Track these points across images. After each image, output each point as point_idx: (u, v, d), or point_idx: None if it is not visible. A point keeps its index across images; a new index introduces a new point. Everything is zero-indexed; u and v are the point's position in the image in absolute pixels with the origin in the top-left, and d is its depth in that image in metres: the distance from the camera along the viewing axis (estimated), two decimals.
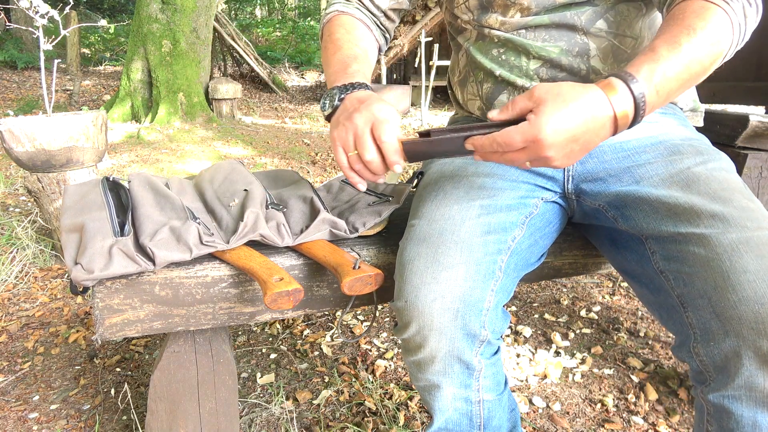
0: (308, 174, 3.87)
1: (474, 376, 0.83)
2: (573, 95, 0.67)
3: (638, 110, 0.69)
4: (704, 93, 1.94)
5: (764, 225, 0.72)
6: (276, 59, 10.29)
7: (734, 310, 0.68)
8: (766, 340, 0.66)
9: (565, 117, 0.65)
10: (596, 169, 0.91)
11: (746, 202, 0.76)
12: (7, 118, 2.02)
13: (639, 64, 0.70)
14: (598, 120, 0.67)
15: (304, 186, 1.05)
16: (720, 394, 0.72)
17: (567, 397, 1.41)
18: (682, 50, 0.70)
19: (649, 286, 0.83)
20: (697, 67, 0.72)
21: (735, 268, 0.69)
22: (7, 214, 2.70)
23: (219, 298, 0.88)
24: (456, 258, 0.78)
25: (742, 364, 0.69)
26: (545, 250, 0.95)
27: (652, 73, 0.69)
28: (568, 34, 0.90)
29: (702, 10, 0.73)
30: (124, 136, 4.92)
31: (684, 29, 0.71)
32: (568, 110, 0.66)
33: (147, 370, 1.51)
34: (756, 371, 0.68)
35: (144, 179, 1.05)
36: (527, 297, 2.01)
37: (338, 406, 1.36)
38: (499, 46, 0.96)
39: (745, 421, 0.70)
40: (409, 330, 0.80)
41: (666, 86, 0.70)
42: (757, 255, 0.69)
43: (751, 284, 0.68)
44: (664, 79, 0.69)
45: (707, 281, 0.72)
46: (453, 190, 0.88)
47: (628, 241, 0.87)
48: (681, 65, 0.70)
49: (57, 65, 2.82)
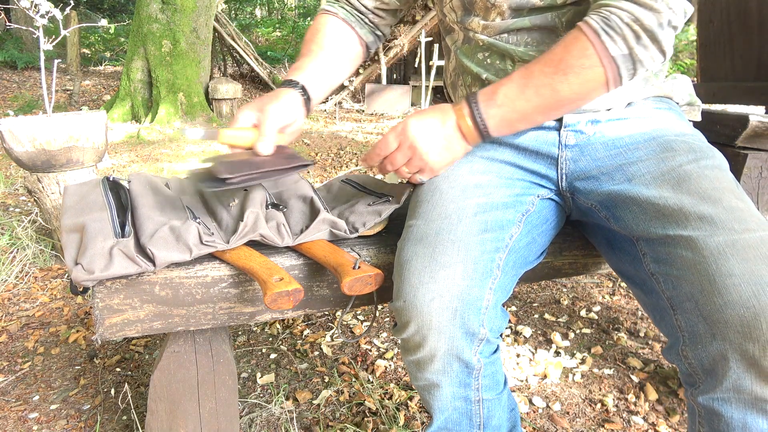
0: (308, 174, 3.87)
1: (473, 375, 0.83)
2: (430, 109, 0.88)
3: (479, 126, 0.85)
4: (704, 93, 1.94)
5: (751, 227, 0.73)
6: (276, 59, 10.29)
7: (720, 313, 0.69)
8: (752, 343, 0.66)
9: (423, 117, 0.87)
10: (589, 167, 0.91)
11: (736, 201, 0.77)
12: (7, 118, 2.02)
13: (489, 88, 0.84)
14: (449, 125, 0.87)
15: (304, 186, 1.05)
16: (709, 397, 0.73)
17: (567, 397, 1.41)
18: (532, 75, 0.80)
19: (642, 288, 0.83)
20: (550, 92, 0.80)
21: (721, 272, 0.70)
22: (7, 214, 2.70)
23: (219, 298, 0.88)
24: (453, 257, 0.78)
25: (729, 367, 0.69)
26: (544, 247, 0.95)
27: (495, 95, 0.83)
28: (550, 37, 0.89)
29: (570, 40, 0.79)
30: (124, 136, 4.92)
31: (543, 57, 0.81)
32: (425, 114, 0.87)
33: (147, 370, 1.51)
34: (743, 374, 0.68)
35: (144, 179, 1.05)
36: (527, 297, 2.01)
37: (338, 406, 1.36)
38: (484, 50, 0.96)
39: (735, 423, 0.71)
40: (408, 330, 0.80)
41: (510, 103, 0.82)
42: (743, 258, 0.70)
43: (737, 288, 0.68)
44: (509, 100, 0.82)
45: (694, 284, 0.72)
46: (449, 189, 0.88)
47: (621, 242, 0.88)
48: (529, 87, 0.81)
49: (57, 65, 2.82)
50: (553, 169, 0.94)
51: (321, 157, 4.38)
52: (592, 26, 0.77)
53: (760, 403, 0.69)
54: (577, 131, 0.91)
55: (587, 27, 0.77)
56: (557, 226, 0.97)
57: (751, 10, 1.68)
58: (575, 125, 0.91)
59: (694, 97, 1.05)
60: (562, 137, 0.92)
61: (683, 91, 1.02)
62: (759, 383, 0.67)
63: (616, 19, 0.75)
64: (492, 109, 0.83)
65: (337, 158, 4.35)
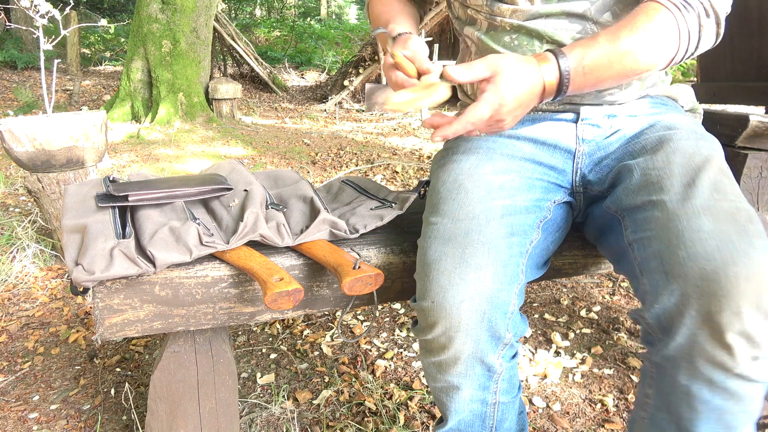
0: (308, 174, 3.87)
1: (493, 379, 0.83)
2: (519, 67, 0.78)
3: (562, 81, 0.79)
4: (704, 93, 1.94)
5: (731, 198, 0.73)
6: (276, 59, 10.29)
7: (681, 266, 0.68)
8: (709, 297, 0.65)
9: (517, 85, 0.78)
10: (601, 158, 0.94)
11: (720, 176, 0.78)
12: (7, 118, 2.02)
13: (575, 45, 0.80)
14: (535, 86, 0.79)
15: (304, 186, 1.05)
16: (661, 355, 0.72)
17: (567, 397, 1.41)
18: (620, 42, 0.78)
19: (621, 261, 0.84)
20: (632, 61, 0.79)
21: (690, 227, 0.70)
22: (7, 214, 2.70)
23: (219, 298, 0.88)
24: (484, 259, 0.77)
25: (683, 323, 0.68)
26: (551, 255, 0.95)
27: (584, 55, 0.79)
28: (580, 22, 0.91)
29: (652, 11, 0.79)
30: (124, 136, 4.92)
31: (628, 25, 0.79)
32: (518, 80, 0.78)
33: (147, 370, 1.51)
34: (697, 330, 0.67)
35: (144, 179, 1.05)
36: (527, 297, 2.01)
37: (338, 406, 1.36)
38: (511, 33, 0.95)
39: (680, 389, 0.70)
40: (435, 331, 0.79)
41: (595, 70, 0.79)
42: (715, 219, 0.70)
43: (703, 242, 0.67)
44: (594, 63, 0.79)
45: (662, 241, 0.72)
46: (474, 188, 0.87)
47: (610, 222, 0.89)
48: (615, 55, 0.78)
49: (57, 65, 2.82)
50: (569, 163, 0.95)
51: (321, 157, 4.38)
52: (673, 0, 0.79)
53: (708, 368, 0.67)
54: (594, 125, 0.93)
55: (668, 1, 0.79)
56: (565, 233, 0.98)
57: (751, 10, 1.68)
58: (591, 119, 0.93)
59: (696, 104, 1.07)
60: (579, 131, 0.94)
61: (687, 97, 1.05)
62: (711, 342, 0.66)
63: None
64: (578, 77, 0.81)
65: (337, 158, 4.34)
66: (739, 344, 0.65)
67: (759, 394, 0.69)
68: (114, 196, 0.89)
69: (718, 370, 0.67)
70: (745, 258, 0.65)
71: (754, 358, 0.65)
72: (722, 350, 0.66)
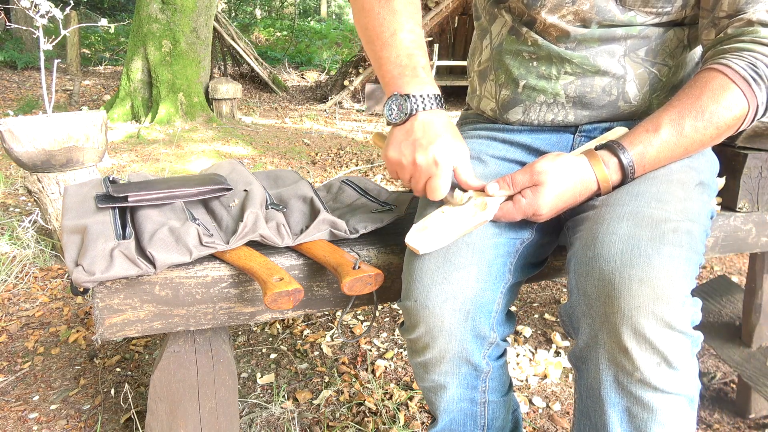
0: (308, 174, 3.87)
1: (481, 378, 0.83)
2: (567, 177, 0.75)
3: (626, 178, 0.76)
4: None
5: (667, 208, 0.71)
6: (276, 59, 10.28)
7: (586, 266, 0.68)
8: (604, 299, 0.65)
9: (559, 196, 0.75)
10: None
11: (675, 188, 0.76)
12: (7, 118, 2.02)
13: (636, 139, 0.75)
14: (585, 191, 0.77)
15: (304, 186, 1.05)
16: (574, 354, 0.74)
17: (567, 397, 1.41)
18: (684, 133, 0.74)
19: None
20: (697, 147, 0.76)
21: (607, 230, 0.69)
22: (7, 214, 2.70)
23: (219, 298, 0.88)
24: (468, 259, 0.77)
25: (587, 322, 0.68)
26: (549, 252, 0.95)
27: (645, 152, 0.75)
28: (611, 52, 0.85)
29: (719, 90, 0.73)
30: (124, 136, 4.92)
31: (693, 110, 0.74)
32: (562, 191, 0.75)
33: (147, 370, 1.51)
34: (598, 330, 0.67)
35: (144, 180, 1.05)
36: (527, 297, 2.01)
37: (338, 406, 1.36)
38: (531, 51, 0.90)
39: (591, 385, 0.71)
40: (418, 330, 0.79)
41: (657, 162, 0.77)
42: (635, 224, 0.68)
43: (609, 244, 0.67)
44: (658, 156, 0.76)
45: (581, 241, 0.72)
46: None
47: None
48: (679, 147, 0.75)
49: (57, 65, 2.82)
50: None
51: (321, 157, 4.38)
52: (740, 73, 0.73)
53: (612, 368, 0.67)
54: (591, 137, 0.92)
55: (734, 74, 0.73)
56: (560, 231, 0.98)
57: None
58: (590, 132, 0.92)
59: None
60: (576, 142, 0.93)
61: None
62: (610, 344, 0.66)
63: (762, 66, 0.73)
64: (639, 170, 0.77)
65: (337, 158, 4.34)
66: (635, 348, 0.64)
67: (680, 409, 0.66)
68: (114, 196, 0.90)
69: (621, 372, 0.66)
70: (644, 261, 0.64)
71: (657, 364, 0.64)
72: (620, 352, 0.65)
